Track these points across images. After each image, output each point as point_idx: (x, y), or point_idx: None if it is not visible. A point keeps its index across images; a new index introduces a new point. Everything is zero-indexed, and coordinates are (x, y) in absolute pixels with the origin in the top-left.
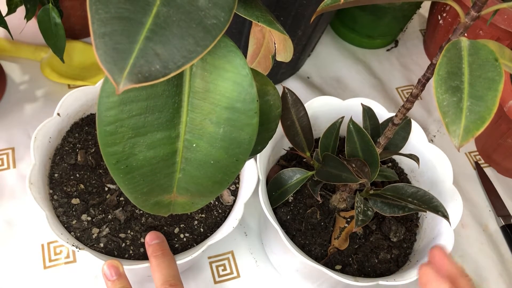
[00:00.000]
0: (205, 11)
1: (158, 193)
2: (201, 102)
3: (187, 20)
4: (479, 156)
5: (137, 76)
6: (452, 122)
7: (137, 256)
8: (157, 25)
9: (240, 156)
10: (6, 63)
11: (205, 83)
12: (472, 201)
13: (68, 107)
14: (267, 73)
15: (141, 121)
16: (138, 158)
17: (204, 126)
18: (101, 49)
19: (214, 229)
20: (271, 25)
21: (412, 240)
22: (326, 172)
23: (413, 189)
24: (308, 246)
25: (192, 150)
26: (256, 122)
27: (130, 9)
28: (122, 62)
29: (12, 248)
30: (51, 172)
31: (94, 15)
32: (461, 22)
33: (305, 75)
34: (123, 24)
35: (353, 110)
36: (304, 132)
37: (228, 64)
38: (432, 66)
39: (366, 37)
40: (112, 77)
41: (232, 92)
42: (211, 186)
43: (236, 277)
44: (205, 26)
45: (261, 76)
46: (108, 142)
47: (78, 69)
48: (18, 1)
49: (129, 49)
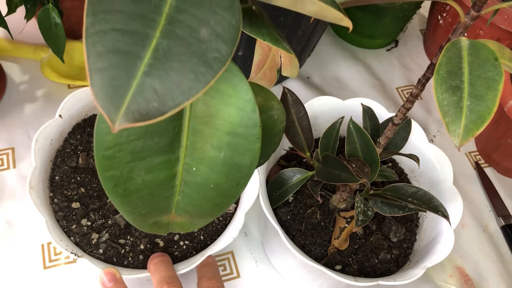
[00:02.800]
0: (206, 44)
1: (156, 214)
2: (202, 126)
3: (187, 54)
4: (479, 156)
5: (133, 115)
6: (452, 122)
7: (136, 263)
8: (156, 59)
9: (241, 181)
10: (6, 63)
11: (207, 107)
12: (472, 201)
13: (70, 108)
14: (272, 85)
15: (140, 146)
16: (137, 182)
17: (205, 150)
18: (96, 86)
19: (214, 237)
20: (277, 44)
21: (412, 240)
22: (326, 172)
23: (413, 189)
24: (308, 246)
25: (192, 174)
26: (258, 147)
27: (128, 42)
28: (118, 99)
29: (12, 248)
30: (52, 175)
31: (91, 48)
32: (461, 22)
33: (305, 75)
34: (120, 58)
35: (353, 110)
36: (304, 132)
37: (232, 89)
38: (432, 65)
39: (366, 37)
40: (107, 115)
41: (234, 117)
42: (210, 209)
43: (236, 277)
44: (206, 60)
45: (265, 91)
46: (106, 166)
47: (78, 69)
48: (18, 1)
49: (126, 85)
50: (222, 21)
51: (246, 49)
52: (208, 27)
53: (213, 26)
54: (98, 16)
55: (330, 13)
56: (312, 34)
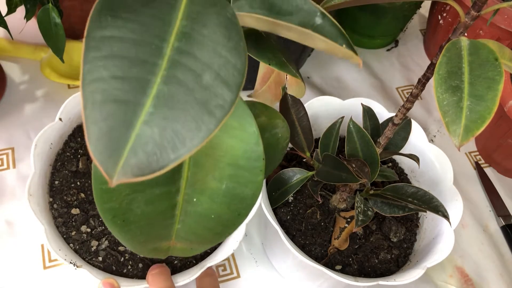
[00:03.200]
0: (210, 90)
1: (156, 241)
2: (204, 158)
3: (189, 101)
4: (479, 156)
5: (132, 170)
6: (452, 122)
7: (135, 271)
8: (157, 107)
9: (242, 211)
10: (6, 63)
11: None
12: (472, 201)
13: (70, 111)
14: (277, 102)
15: None
16: (136, 213)
17: (206, 181)
18: (93, 138)
19: (214, 247)
20: (282, 68)
21: (412, 240)
22: (326, 172)
23: (413, 189)
24: (308, 246)
25: (192, 204)
26: (261, 179)
27: (127, 90)
28: (116, 153)
29: (12, 248)
30: (51, 179)
31: (88, 98)
32: (461, 21)
33: (305, 75)
34: (119, 107)
35: (353, 110)
36: (304, 132)
37: (235, 121)
38: (432, 65)
39: (366, 37)
40: (105, 171)
41: (237, 150)
42: (211, 237)
43: (236, 277)
44: (209, 108)
45: (270, 110)
46: (104, 199)
47: (78, 69)
48: (18, 1)
49: (125, 137)
50: (226, 64)
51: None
52: (211, 72)
53: (217, 71)
54: (96, 63)
55: (340, 51)
56: None
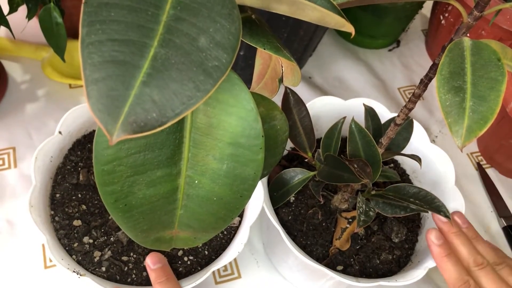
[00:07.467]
0: (206, 52)
1: (159, 229)
2: (203, 137)
3: (186, 63)
4: (481, 157)
5: (131, 126)
6: (454, 122)
7: (140, 280)
8: (155, 68)
9: (244, 193)
10: (7, 62)
11: (208, 118)
12: (474, 202)
13: (70, 124)
14: (274, 96)
15: (140, 159)
16: (138, 197)
17: (207, 162)
18: (93, 97)
19: (219, 252)
20: (277, 52)
21: (414, 241)
22: (328, 172)
23: (415, 190)
24: (310, 247)
25: (194, 187)
26: (261, 158)
27: (125, 52)
28: (116, 110)
29: (13, 247)
30: (52, 193)
31: (87, 59)
32: (464, 22)
33: (307, 75)
34: (117, 68)
35: (355, 110)
36: (306, 132)
37: (232, 99)
38: (434, 66)
39: (368, 37)
40: (105, 127)
41: (236, 127)
42: (214, 223)
43: (237, 278)
44: (205, 68)
45: (267, 101)
46: (106, 181)
47: (79, 69)
48: (20, 0)
49: (124, 95)
50: (221, 29)
51: (247, 49)
52: (207, 36)
53: (212, 34)
54: (94, 26)
55: (332, 19)
56: (314, 34)
